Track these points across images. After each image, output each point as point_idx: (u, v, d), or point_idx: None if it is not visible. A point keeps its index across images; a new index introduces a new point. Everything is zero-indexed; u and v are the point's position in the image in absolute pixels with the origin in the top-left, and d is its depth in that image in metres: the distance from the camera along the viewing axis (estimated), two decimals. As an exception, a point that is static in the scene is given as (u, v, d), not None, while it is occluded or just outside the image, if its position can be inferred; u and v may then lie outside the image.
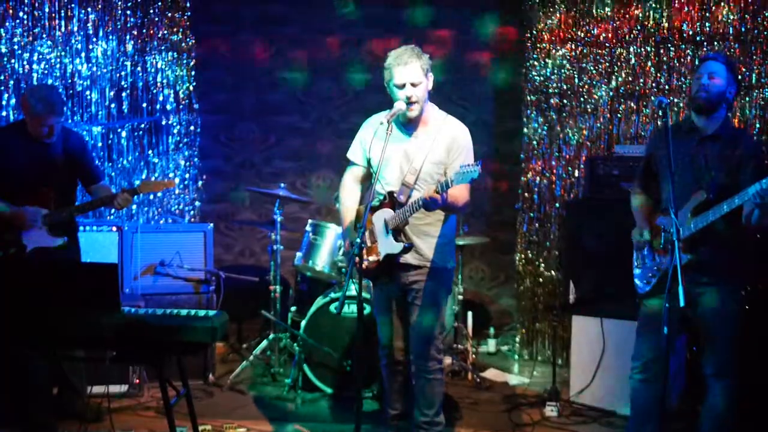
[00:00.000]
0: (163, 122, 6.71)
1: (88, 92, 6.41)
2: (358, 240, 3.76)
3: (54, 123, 4.65)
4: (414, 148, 4.12)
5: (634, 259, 4.27)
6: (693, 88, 4.05)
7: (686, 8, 6.04)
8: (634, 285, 4.24)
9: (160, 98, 6.69)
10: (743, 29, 5.89)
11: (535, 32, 6.63)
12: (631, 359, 4.24)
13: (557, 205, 6.57)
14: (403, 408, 4.48)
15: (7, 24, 6.08)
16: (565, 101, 6.55)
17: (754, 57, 5.84)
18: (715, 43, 5.97)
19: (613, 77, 6.37)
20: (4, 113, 6.05)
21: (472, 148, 4.18)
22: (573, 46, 6.49)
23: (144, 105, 6.64)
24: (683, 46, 6.10)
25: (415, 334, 4.25)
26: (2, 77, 6.08)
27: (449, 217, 4.23)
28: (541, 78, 6.62)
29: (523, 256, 6.81)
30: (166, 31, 6.67)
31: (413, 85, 3.99)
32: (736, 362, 4.01)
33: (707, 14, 5.99)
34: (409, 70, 3.98)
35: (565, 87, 6.54)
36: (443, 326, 4.31)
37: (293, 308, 6.18)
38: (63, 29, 6.28)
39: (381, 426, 4.75)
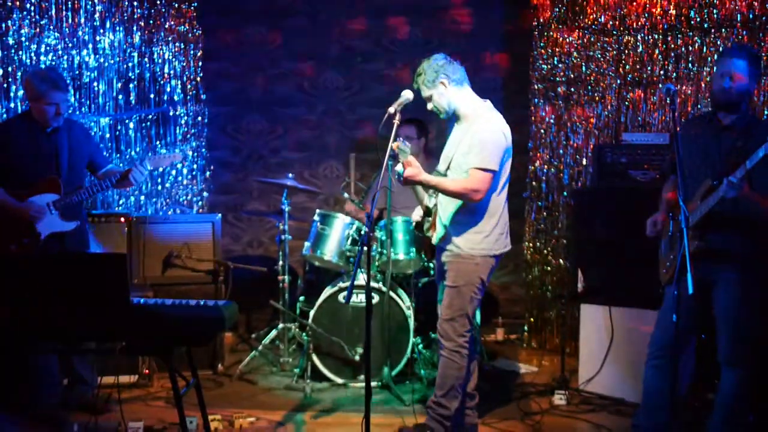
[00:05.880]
0: (171, 113, 6.71)
1: (95, 83, 6.42)
2: (366, 230, 3.83)
3: (59, 101, 4.62)
4: (455, 139, 4.32)
5: (660, 248, 4.27)
6: (714, 85, 4.00)
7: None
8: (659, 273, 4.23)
9: (168, 89, 6.69)
10: (751, 15, 5.85)
11: (542, 20, 6.61)
12: (647, 346, 4.25)
13: (565, 193, 6.56)
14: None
15: (14, 15, 6.09)
16: (572, 89, 6.53)
17: (762, 43, 5.81)
18: (723, 29, 5.94)
19: (621, 65, 6.35)
20: (12, 104, 6.06)
21: (491, 144, 4.12)
22: (580, 34, 6.46)
23: (151, 96, 6.64)
24: (691, 34, 6.07)
25: (439, 311, 4.34)
26: (10, 69, 6.09)
27: (472, 205, 4.18)
28: (549, 66, 6.60)
29: (531, 245, 6.80)
30: (172, 22, 6.66)
31: (427, 99, 4.29)
32: (750, 350, 4.00)
33: (715, 1, 5.96)
34: (420, 90, 4.28)
35: (572, 75, 6.53)
36: (462, 309, 4.25)
37: (302, 298, 6.20)
38: (70, 20, 6.29)
39: (390, 415, 4.76)
